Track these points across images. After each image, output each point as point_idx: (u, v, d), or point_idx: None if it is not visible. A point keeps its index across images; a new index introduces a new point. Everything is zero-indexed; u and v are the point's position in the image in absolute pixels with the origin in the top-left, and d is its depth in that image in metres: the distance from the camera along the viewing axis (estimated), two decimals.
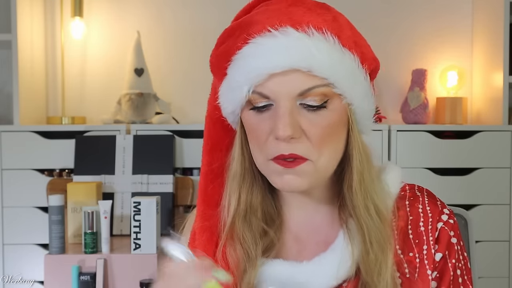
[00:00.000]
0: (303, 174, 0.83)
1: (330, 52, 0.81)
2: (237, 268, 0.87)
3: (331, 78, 0.81)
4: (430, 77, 2.55)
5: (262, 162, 0.85)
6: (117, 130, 2.30)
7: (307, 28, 0.81)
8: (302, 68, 0.80)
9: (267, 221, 0.91)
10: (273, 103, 0.82)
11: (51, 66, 2.58)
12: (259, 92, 0.82)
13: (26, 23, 2.37)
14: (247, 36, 0.82)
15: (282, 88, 0.81)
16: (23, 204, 2.27)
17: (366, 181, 0.87)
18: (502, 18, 2.31)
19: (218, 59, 0.88)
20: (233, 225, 0.89)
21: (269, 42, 0.81)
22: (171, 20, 2.60)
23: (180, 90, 2.59)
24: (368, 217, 0.86)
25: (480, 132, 2.30)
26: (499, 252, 2.30)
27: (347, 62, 0.83)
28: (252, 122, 0.85)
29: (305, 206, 0.93)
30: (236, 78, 0.84)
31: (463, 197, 2.29)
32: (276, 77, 0.80)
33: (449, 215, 0.92)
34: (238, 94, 0.84)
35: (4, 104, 2.56)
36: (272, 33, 0.81)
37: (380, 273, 0.84)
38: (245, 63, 0.82)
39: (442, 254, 0.89)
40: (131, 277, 1.84)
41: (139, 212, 1.87)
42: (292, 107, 0.81)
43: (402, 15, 2.60)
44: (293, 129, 0.80)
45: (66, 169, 2.30)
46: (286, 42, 0.80)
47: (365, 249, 0.85)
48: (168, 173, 2.20)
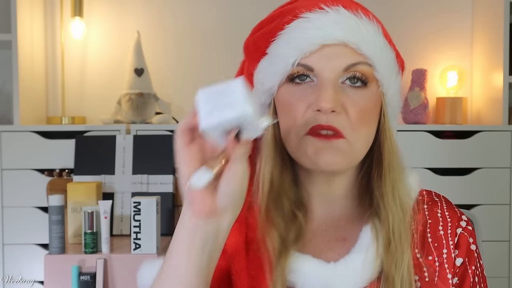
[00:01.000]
0: (340, 151, 0.83)
1: (376, 36, 0.85)
2: (273, 251, 0.85)
3: (374, 60, 0.84)
4: (430, 77, 2.55)
5: (296, 137, 0.84)
6: (117, 130, 2.30)
7: (356, 12, 0.85)
8: (352, 43, 0.83)
9: (297, 206, 0.90)
10: (315, 78, 0.84)
11: (51, 66, 2.58)
12: (304, 64, 0.83)
13: (26, 23, 2.37)
14: (298, 11, 0.85)
15: (329, 61, 0.83)
16: (23, 204, 2.27)
17: (394, 171, 0.88)
18: (502, 18, 2.31)
19: (258, 40, 0.89)
20: (267, 208, 0.87)
21: (322, 17, 0.83)
22: (171, 20, 2.60)
23: (180, 90, 2.59)
24: (393, 205, 0.86)
25: (480, 132, 2.31)
26: (499, 252, 2.30)
27: (388, 52, 0.87)
28: (290, 95, 0.85)
29: (326, 197, 0.91)
30: (282, 51, 0.85)
31: (463, 197, 2.29)
32: (325, 49, 0.83)
33: (467, 222, 0.92)
34: (281, 68, 0.85)
35: (4, 104, 2.56)
36: (324, 9, 0.84)
37: (397, 263, 0.84)
38: (296, 35, 0.84)
39: (463, 259, 0.89)
40: (131, 277, 1.84)
41: (139, 212, 1.87)
42: (335, 83, 0.83)
43: (402, 15, 2.60)
44: (335, 102, 0.81)
45: (66, 169, 2.30)
46: (339, 18, 0.83)
47: (387, 239, 0.85)
48: (168, 173, 2.20)
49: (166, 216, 2.14)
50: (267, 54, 0.87)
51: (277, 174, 0.88)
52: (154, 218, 1.87)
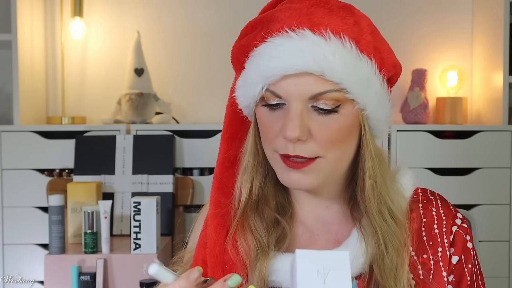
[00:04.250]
0: (310, 172, 0.84)
1: (345, 57, 0.81)
2: (247, 257, 0.87)
3: (343, 84, 0.81)
4: (430, 77, 2.55)
5: (270, 154, 0.86)
6: (117, 130, 2.30)
7: (325, 32, 0.81)
8: (315, 72, 0.80)
9: (279, 211, 0.92)
10: (285, 102, 0.83)
11: (51, 66, 2.58)
12: (272, 91, 0.83)
13: (26, 23, 2.37)
14: (264, 35, 0.83)
15: (294, 90, 0.81)
16: (23, 204, 2.27)
17: (379, 186, 0.87)
18: (502, 18, 2.31)
19: (239, 51, 0.89)
20: (244, 214, 0.89)
21: (286, 42, 0.81)
22: (171, 20, 2.60)
23: (180, 90, 2.59)
24: (382, 221, 0.86)
25: (480, 132, 2.30)
26: (499, 252, 2.30)
27: (362, 68, 0.82)
28: (264, 118, 0.86)
29: (315, 203, 0.93)
30: (250, 75, 0.85)
31: (463, 197, 2.29)
32: (289, 79, 0.81)
33: (462, 220, 0.92)
34: (252, 91, 0.85)
35: (4, 104, 2.56)
36: (289, 34, 0.81)
37: (397, 276, 0.84)
38: (260, 62, 0.83)
39: (458, 257, 0.89)
40: (131, 277, 1.84)
41: (139, 212, 1.87)
42: (303, 109, 0.82)
43: (402, 15, 2.60)
44: (301, 132, 0.81)
45: (66, 169, 2.30)
46: (302, 45, 0.80)
47: (380, 253, 0.85)
48: (168, 173, 2.20)
49: (166, 216, 2.14)
50: (245, 69, 0.87)
51: (257, 182, 0.90)
52: (154, 218, 1.88)
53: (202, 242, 0.92)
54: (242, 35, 0.90)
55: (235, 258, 0.88)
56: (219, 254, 0.89)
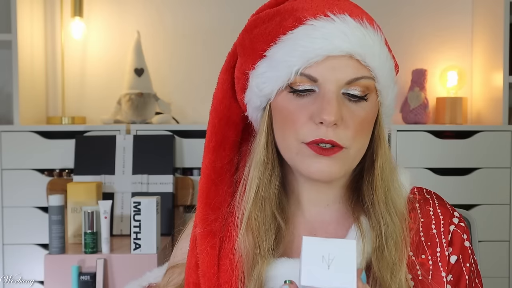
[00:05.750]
0: (338, 161, 0.83)
1: (381, 46, 0.84)
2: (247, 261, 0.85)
3: (377, 72, 0.83)
4: (430, 77, 2.55)
5: (294, 146, 0.84)
6: (117, 130, 2.30)
7: (362, 21, 0.83)
8: (358, 54, 0.81)
9: (279, 212, 0.90)
10: (316, 88, 0.82)
11: (51, 66, 2.58)
12: (307, 74, 0.82)
13: (26, 23, 2.37)
14: (302, 18, 0.82)
15: (332, 74, 0.81)
16: (23, 204, 2.27)
17: (387, 178, 0.88)
18: (502, 18, 2.31)
19: (255, 40, 0.87)
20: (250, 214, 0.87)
21: (328, 25, 0.81)
22: (171, 20, 2.60)
23: (180, 90, 2.59)
24: (386, 213, 0.86)
25: (480, 132, 2.30)
26: (499, 252, 2.30)
27: (389, 62, 0.86)
28: (289, 105, 0.84)
29: (318, 203, 0.92)
30: (285, 58, 0.83)
31: (463, 197, 2.29)
32: (330, 61, 0.81)
33: (459, 218, 0.92)
34: (283, 75, 0.83)
35: (4, 104, 2.56)
36: (329, 17, 0.81)
37: (393, 271, 0.84)
38: (299, 43, 0.82)
39: (457, 257, 0.89)
40: (131, 277, 1.84)
41: (139, 212, 1.87)
42: (338, 94, 0.82)
43: (402, 15, 2.60)
44: (338, 115, 0.81)
45: (66, 169, 2.30)
46: (345, 28, 0.81)
47: (380, 245, 0.85)
48: (168, 173, 2.20)
49: (166, 216, 2.14)
50: (266, 57, 0.85)
51: (264, 180, 0.88)
52: (154, 218, 1.88)
53: (191, 263, 0.89)
54: (252, 26, 0.88)
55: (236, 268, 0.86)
56: (213, 276, 0.86)
